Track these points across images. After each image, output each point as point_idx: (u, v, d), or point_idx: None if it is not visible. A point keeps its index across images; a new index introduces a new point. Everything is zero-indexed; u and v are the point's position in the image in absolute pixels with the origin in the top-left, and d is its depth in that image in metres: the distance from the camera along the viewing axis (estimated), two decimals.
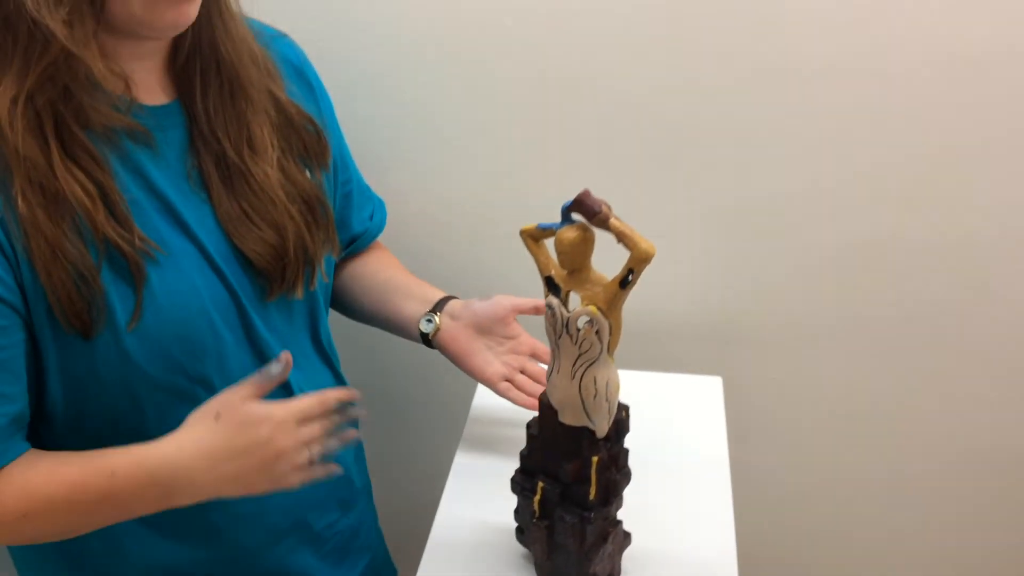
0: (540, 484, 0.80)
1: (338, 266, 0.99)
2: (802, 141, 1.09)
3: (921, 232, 1.11)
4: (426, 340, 0.95)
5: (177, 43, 0.76)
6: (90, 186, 0.69)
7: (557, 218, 0.72)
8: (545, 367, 0.91)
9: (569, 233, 0.71)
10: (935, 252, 1.12)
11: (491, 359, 0.93)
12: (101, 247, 0.69)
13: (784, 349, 1.20)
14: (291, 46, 0.90)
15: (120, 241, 0.70)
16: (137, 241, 0.71)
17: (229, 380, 0.75)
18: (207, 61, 0.77)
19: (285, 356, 0.75)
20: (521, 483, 0.82)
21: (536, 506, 0.81)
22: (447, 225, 1.20)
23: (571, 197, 0.70)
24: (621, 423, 0.80)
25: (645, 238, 0.68)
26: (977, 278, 1.13)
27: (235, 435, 0.72)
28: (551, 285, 0.75)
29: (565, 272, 0.74)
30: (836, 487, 1.27)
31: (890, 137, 1.07)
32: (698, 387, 1.15)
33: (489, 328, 0.93)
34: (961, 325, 1.16)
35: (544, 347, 0.94)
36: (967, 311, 1.15)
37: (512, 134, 1.14)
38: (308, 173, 0.85)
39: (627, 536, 0.85)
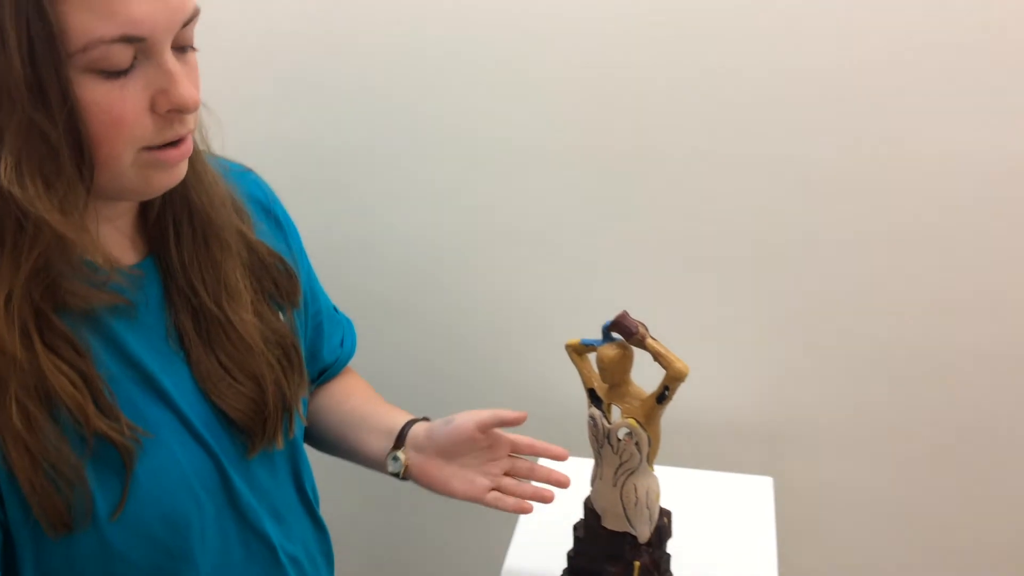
0: None
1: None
2: (856, 247, 1.12)
3: (978, 340, 1.13)
4: (398, 476, 0.91)
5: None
6: (76, 378, 0.66)
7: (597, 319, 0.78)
8: (529, 459, 0.90)
9: (609, 351, 0.77)
10: (993, 361, 1.13)
11: (471, 477, 0.88)
12: (90, 441, 0.66)
13: (837, 452, 1.21)
14: (256, 182, 0.88)
15: (111, 432, 0.67)
16: (126, 429, 0.68)
17: (210, 552, 0.75)
18: (179, 211, 0.74)
19: None
20: None
21: None
22: (504, 327, 1.26)
23: (611, 317, 0.76)
24: (663, 529, 0.84)
25: (679, 358, 0.73)
26: None
27: None
28: (593, 397, 0.80)
29: (606, 386, 0.79)
30: None
31: (947, 248, 1.10)
32: (748, 487, 1.17)
33: (457, 451, 0.88)
34: (1021, 435, 1.16)
35: (523, 439, 0.89)
36: (1015, 416, 1.15)
37: (562, 238, 1.20)
38: (280, 314, 0.83)
39: None
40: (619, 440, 0.77)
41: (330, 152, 1.24)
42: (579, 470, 1.18)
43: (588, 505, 0.83)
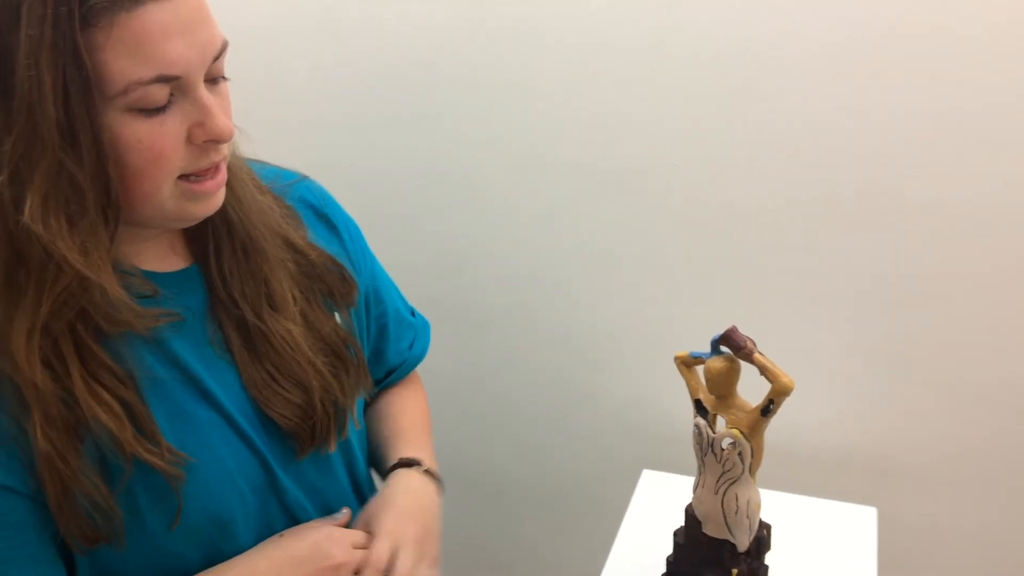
0: None
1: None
2: (976, 286, 1.13)
3: None
4: None
5: None
6: (116, 405, 0.67)
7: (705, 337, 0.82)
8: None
9: (717, 363, 0.81)
10: None
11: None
12: (129, 466, 0.68)
13: (944, 485, 1.20)
14: (310, 188, 0.89)
15: (150, 458, 0.68)
16: (167, 454, 0.70)
17: (259, 542, 0.78)
18: (218, 226, 0.76)
19: (345, 512, 0.82)
20: None
21: None
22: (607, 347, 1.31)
23: (720, 331, 0.80)
24: (762, 540, 0.86)
25: (785, 373, 0.76)
26: None
27: (296, 544, 0.77)
28: (699, 407, 0.84)
29: (713, 397, 0.83)
30: None
31: None
32: (851, 516, 1.17)
33: None
34: None
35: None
36: None
37: (676, 272, 1.24)
38: (336, 316, 0.84)
39: None
40: (723, 449, 0.81)
41: (426, 176, 1.31)
42: (679, 484, 1.22)
43: (689, 511, 0.87)
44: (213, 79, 0.68)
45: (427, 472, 0.88)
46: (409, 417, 0.96)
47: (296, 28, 1.28)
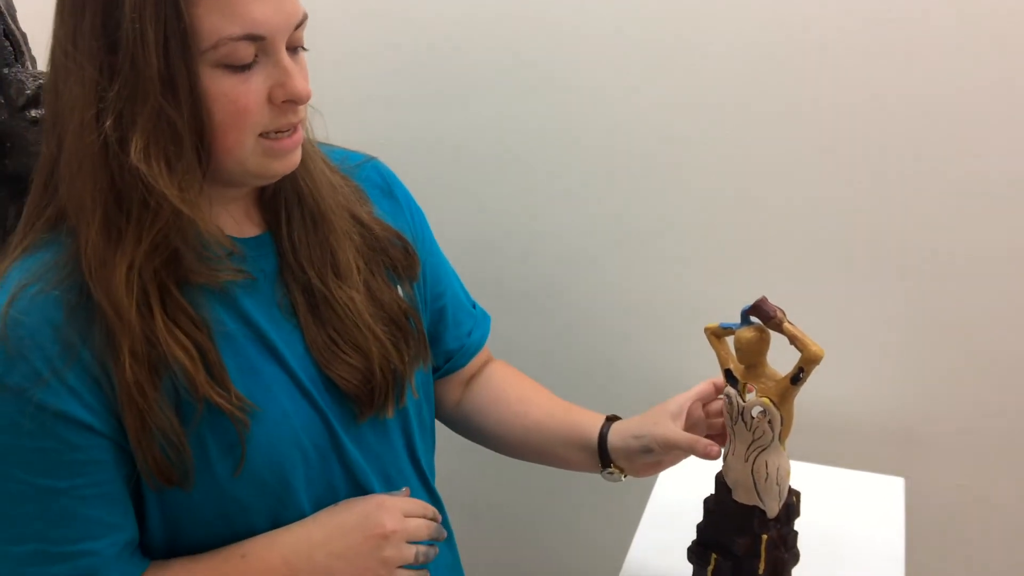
0: (713, 556, 0.89)
1: (464, 397, 1.02)
2: (997, 250, 1.13)
3: None
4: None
5: None
6: (192, 348, 0.72)
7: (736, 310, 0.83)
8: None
9: (747, 333, 0.82)
10: None
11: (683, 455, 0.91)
12: (200, 407, 0.72)
13: (973, 455, 1.21)
14: (377, 167, 0.94)
15: (220, 401, 0.72)
16: (235, 399, 0.73)
17: (319, 503, 0.81)
18: (289, 196, 0.81)
19: (405, 491, 0.86)
20: (697, 553, 0.92)
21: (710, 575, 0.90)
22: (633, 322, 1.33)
23: (750, 302, 0.81)
24: (791, 507, 0.88)
25: (814, 342, 0.78)
26: None
27: (348, 513, 0.81)
28: (729, 377, 0.85)
29: (742, 366, 0.84)
30: None
31: None
32: (879, 486, 1.18)
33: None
34: None
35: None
36: None
37: (702, 245, 1.26)
38: (398, 288, 0.88)
39: None
40: (752, 418, 0.82)
41: (463, 153, 1.32)
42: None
43: (720, 479, 0.88)
44: (293, 48, 0.73)
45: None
46: (548, 402, 1.00)
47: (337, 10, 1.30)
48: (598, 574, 1.19)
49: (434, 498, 0.94)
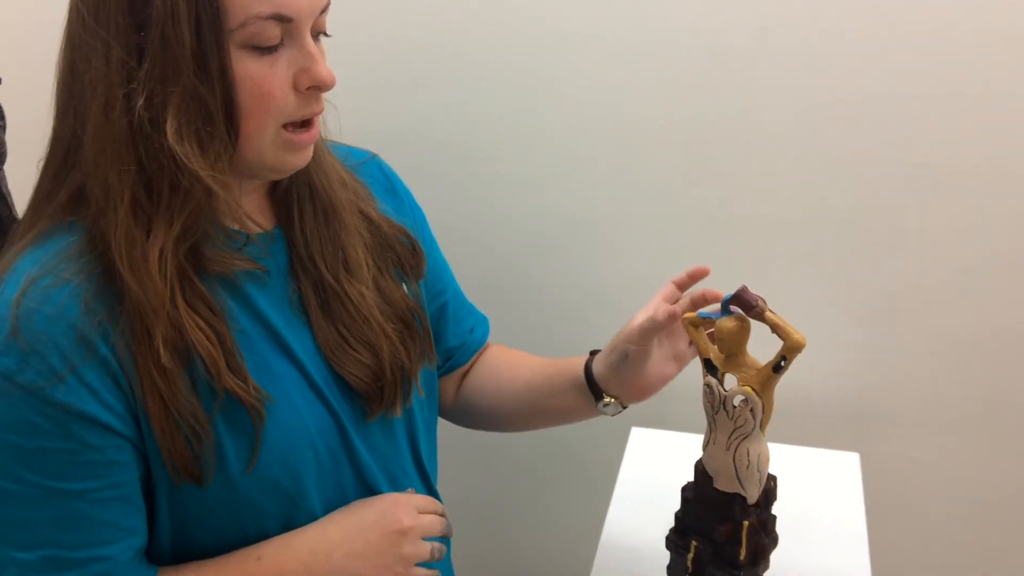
0: (693, 543, 0.90)
1: (460, 389, 1.02)
2: (941, 233, 1.17)
3: None
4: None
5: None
6: (212, 335, 0.71)
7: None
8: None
9: (728, 323, 0.82)
10: None
11: (665, 366, 0.90)
12: (220, 395, 0.71)
13: (923, 429, 1.25)
14: (380, 165, 0.94)
15: (239, 391, 0.71)
16: (252, 390, 0.72)
17: (327, 501, 0.80)
18: (302, 190, 0.80)
19: (410, 491, 0.85)
20: (676, 541, 0.92)
21: (689, 563, 0.91)
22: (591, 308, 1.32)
23: (730, 292, 0.81)
24: (770, 492, 0.89)
25: (797, 330, 0.78)
26: None
27: (364, 511, 0.80)
28: (709, 366, 0.85)
29: (723, 356, 0.84)
30: (958, 562, 1.30)
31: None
32: (835, 462, 1.21)
33: (645, 363, 0.89)
34: None
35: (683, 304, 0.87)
36: None
37: (666, 230, 1.26)
38: (404, 286, 0.87)
39: None
40: (734, 407, 0.83)
41: (427, 141, 1.30)
42: (668, 440, 1.24)
43: (700, 467, 0.89)
44: (316, 34, 0.72)
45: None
46: (533, 361, 1.00)
47: None
48: (573, 560, 1.19)
49: (436, 498, 0.93)
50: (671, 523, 0.93)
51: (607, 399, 0.92)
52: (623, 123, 1.22)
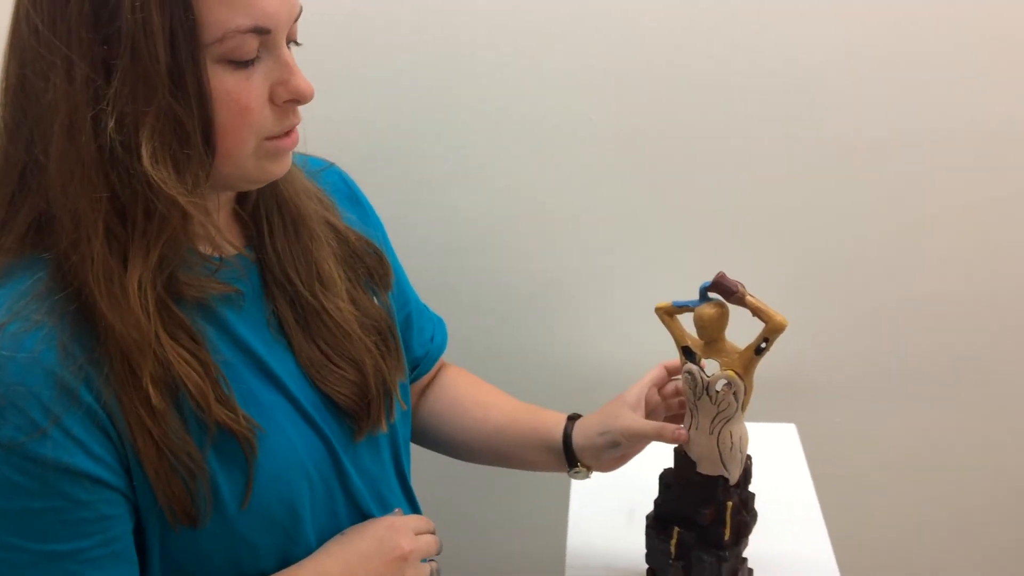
0: (676, 529, 0.91)
1: (420, 405, 1.00)
2: (860, 206, 1.23)
3: (966, 286, 1.25)
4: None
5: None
6: (198, 366, 0.67)
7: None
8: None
9: (709, 309, 0.83)
10: (977, 303, 1.26)
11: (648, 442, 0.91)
12: (212, 430, 0.67)
13: (851, 397, 1.32)
14: (339, 174, 0.91)
15: (229, 422, 0.68)
16: (243, 420, 0.69)
17: (321, 532, 0.77)
18: (269, 203, 0.77)
19: (397, 512, 0.84)
20: (657, 529, 0.93)
21: (673, 549, 0.92)
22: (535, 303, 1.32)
23: (707, 279, 0.82)
24: (748, 470, 0.91)
25: (777, 312, 0.80)
26: (1015, 324, 1.27)
27: (361, 540, 0.78)
28: (688, 354, 0.86)
29: (702, 342, 0.86)
30: (908, 519, 1.39)
31: (934, 206, 1.21)
32: (775, 434, 1.26)
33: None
34: (1009, 367, 1.29)
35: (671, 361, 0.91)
36: (1012, 355, 1.28)
37: (601, 217, 1.27)
38: (375, 298, 0.85)
39: (751, 572, 0.96)
40: (717, 391, 0.84)
41: (358, 136, 1.25)
42: None
43: (681, 453, 0.90)
44: (287, 43, 0.69)
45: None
46: (507, 403, 0.98)
47: None
48: (544, 554, 1.19)
49: (417, 512, 0.91)
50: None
51: (580, 468, 0.93)
52: (575, 116, 1.22)
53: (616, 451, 0.90)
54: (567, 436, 0.92)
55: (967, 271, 1.24)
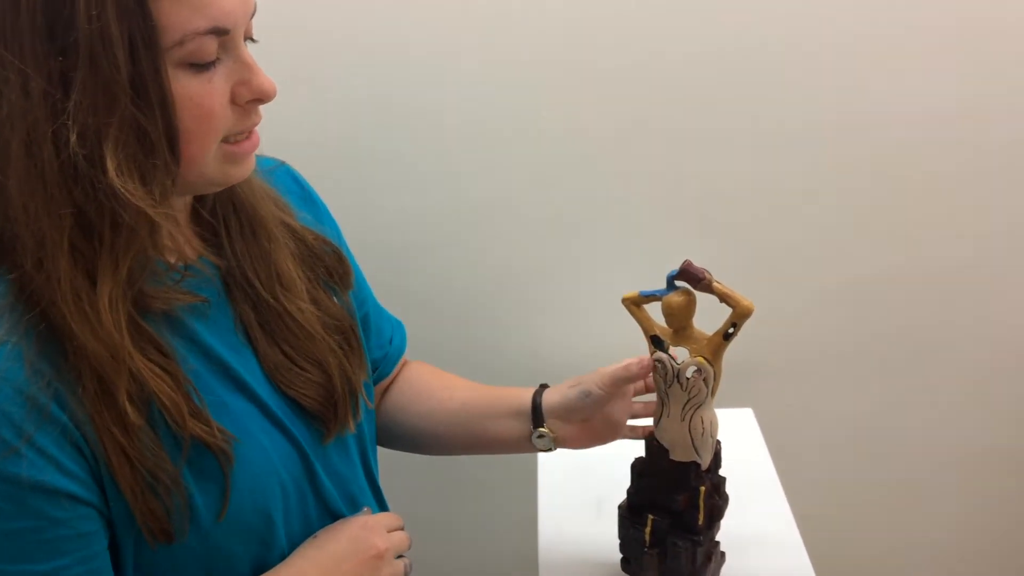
0: (650, 517, 0.92)
1: (383, 404, 0.99)
2: (808, 192, 1.26)
3: (910, 269, 1.30)
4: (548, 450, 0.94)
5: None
6: (169, 380, 0.66)
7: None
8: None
9: (677, 298, 0.84)
10: (920, 286, 1.30)
11: (613, 428, 0.92)
12: (187, 444, 0.66)
13: (804, 380, 1.35)
14: (291, 173, 0.90)
15: (204, 435, 0.67)
16: (217, 432, 0.68)
17: (294, 537, 0.77)
18: (224, 204, 0.76)
19: (366, 511, 0.83)
20: (631, 518, 0.94)
21: (647, 536, 0.92)
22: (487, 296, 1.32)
23: (673, 267, 0.83)
24: (718, 455, 0.92)
25: (745, 297, 0.81)
26: (962, 304, 1.31)
27: (335, 542, 0.78)
28: (657, 342, 0.87)
29: (670, 331, 0.86)
30: (864, 493, 1.42)
31: (882, 189, 1.25)
32: (733, 419, 1.28)
33: (596, 413, 0.91)
34: (951, 343, 1.34)
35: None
36: (954, 332, 1.33)
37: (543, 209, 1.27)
38: (336, 298, 0.84)
39: (723, 555, 0.97)
40: (687, 378, 0.85)
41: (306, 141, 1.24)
42: None
43: (652, 442, 0.90)
44: (243, 39, 0.67)
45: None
46: (473, 384, 0.98)
47: None
48: (516, 550, 1.19)
49: (386, 511, 0.91)
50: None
51: (544, 431, 0.92)
52: (524, 111, 1.22)
53: (585, 404, 0.89)
54: (536, 398, 0.92)
55: (910, 255, 1.29)
